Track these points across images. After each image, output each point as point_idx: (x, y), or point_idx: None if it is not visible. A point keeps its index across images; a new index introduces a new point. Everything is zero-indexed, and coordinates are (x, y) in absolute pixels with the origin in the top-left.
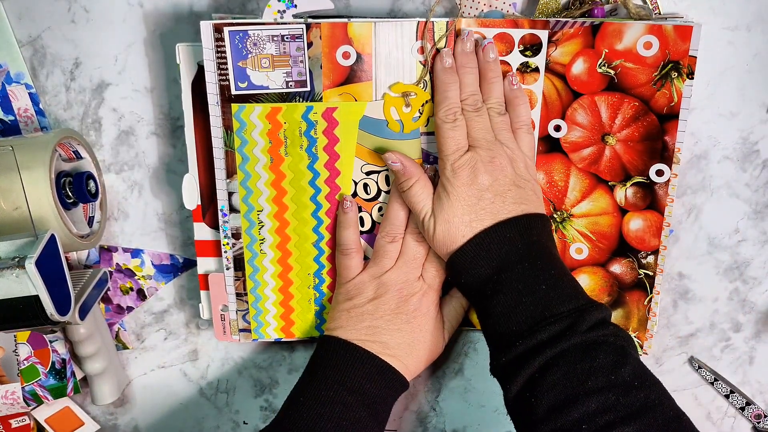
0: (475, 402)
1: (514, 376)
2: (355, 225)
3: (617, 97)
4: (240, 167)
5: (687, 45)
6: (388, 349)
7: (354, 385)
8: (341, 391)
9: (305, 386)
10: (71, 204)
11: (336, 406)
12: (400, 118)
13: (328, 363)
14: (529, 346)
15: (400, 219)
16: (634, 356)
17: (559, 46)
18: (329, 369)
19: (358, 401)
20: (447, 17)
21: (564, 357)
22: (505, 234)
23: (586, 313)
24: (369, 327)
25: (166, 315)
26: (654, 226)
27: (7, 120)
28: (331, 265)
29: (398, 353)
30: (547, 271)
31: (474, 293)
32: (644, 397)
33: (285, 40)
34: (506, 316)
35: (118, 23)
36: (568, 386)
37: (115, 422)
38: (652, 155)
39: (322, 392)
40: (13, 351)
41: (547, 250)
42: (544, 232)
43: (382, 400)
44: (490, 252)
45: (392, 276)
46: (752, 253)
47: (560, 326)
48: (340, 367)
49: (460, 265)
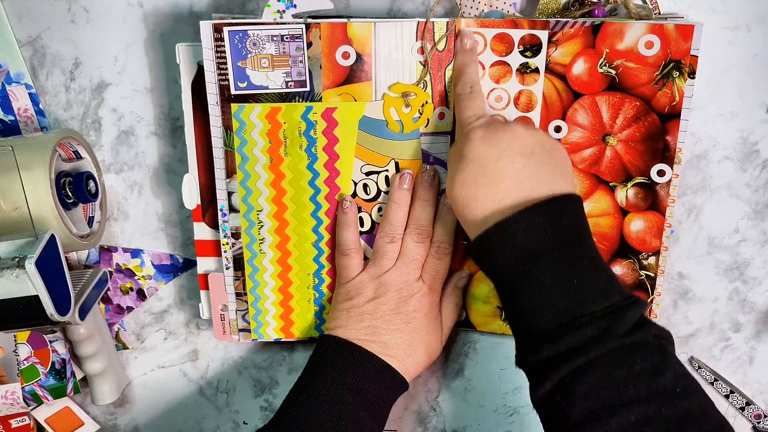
0: (475, 402)
1: (542, 377)
2: (354, 225)
3: (618, 97)
4: (239, 167)
5: (688, 44)
6: (387, 350)
7: (353, 384)
8: (341, 391)
9: (304, 385)
10: (71, 204)
11: (335, 405)
12: (399, 119)
13: (328, 362)
14: (559, 350)
15: (399, 219)
16: (673, 356)
17: (559, 46)
18: (329, 368)
19: (357, 401)
20: (447, 17)
21: (599, 363)
22: (533, 220)
23: (621, 313)
24: (368, 327)
25: (166, 315)
26: (655, 226)
27: (7, 120)
28: (330, 266)
29: (398, 354)
30: (579, 261)
31: (498, 282)
32: (687, 407)
33: (284, 40)
34: (533, 313)
35: (118, 23)
36: (605, 395)
37: (115, 422)
38: (653, 155)
39: (322, 391)
40: (13, 351)
41: (580, 236)
42: (575, 214)
43: (381, 401)
44: (516, 239)
45: (392, 276)
46: (752, 253)
47: (594, 329)
48: (339, 366)
49: (484, 253)
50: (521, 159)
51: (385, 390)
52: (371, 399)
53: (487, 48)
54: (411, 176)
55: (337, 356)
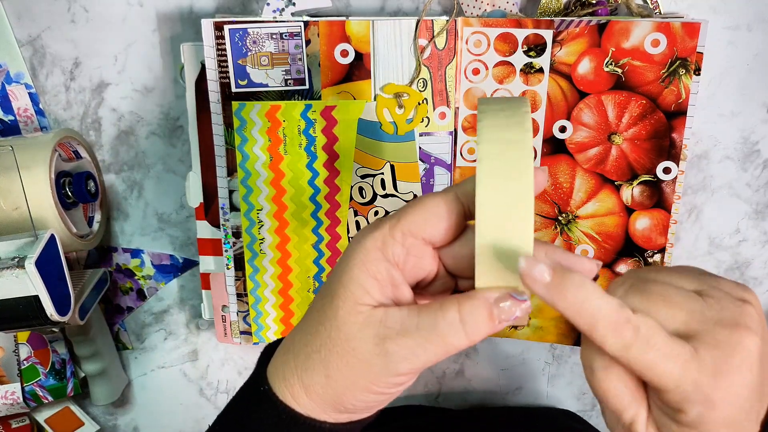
0: (475, 402)
1: None
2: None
3: (624, 96)
4: (240, 165)
5: (694, 42)
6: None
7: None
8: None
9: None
10: (71, 204)
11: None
12: (393, 120)
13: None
14: None
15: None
16: None
17: (564, 45)
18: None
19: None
20: (447, 15)
21: None
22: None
23: None
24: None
25: (166, 315)
26: (660, 224)
27: (7, 120)
28: (330, 268)
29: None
30: None
31: None
32: None
33: (284, 38)
34: None
35: (117, 23)
36: None
37: (115, 422)
38: (659, 153)
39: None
40: (13, 351)
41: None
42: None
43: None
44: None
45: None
46: (753, 253)
47: None
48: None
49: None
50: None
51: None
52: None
53: (490, 48)
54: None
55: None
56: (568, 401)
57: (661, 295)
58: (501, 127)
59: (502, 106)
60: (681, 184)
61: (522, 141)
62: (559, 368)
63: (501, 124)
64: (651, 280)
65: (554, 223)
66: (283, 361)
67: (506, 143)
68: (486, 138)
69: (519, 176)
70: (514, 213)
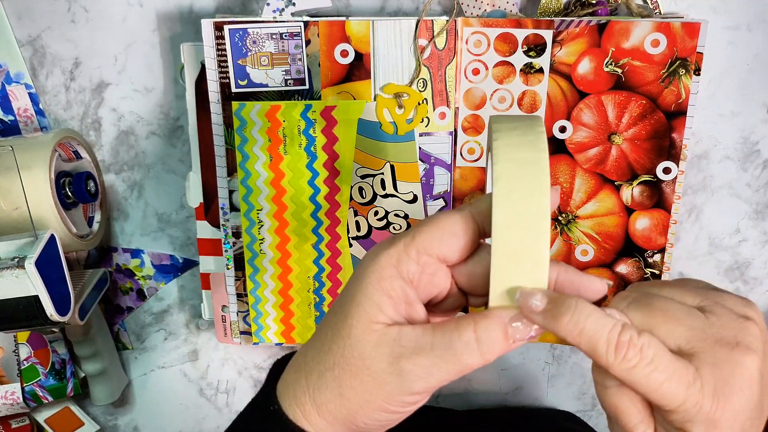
0: (475, 402)
1: None
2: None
3: (624, 96)
4: (240, 165)
5: (694, 42)
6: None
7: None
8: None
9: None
10: (71, 204)
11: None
12: (393, 120)
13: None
14: None
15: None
16: None
17: (564, 45)
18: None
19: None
20: (447, 16)
21: None
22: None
23: None
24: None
25: (166, 315)
26: (660, 224)
27: (7, 120)
28: (330, 269)
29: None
30: None
31: None
32: None
33: (283, 38)
34: None
35: (117, 23)
36: None
37: (115, 422)
38: (659, 153)
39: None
40: (13, 351)
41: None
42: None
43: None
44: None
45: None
46: (753, 253)
47: None
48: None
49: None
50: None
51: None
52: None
53: (490, 48)
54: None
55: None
56: (568, 401)
57: (663, 311)
58: (517, 147)
59: (515, 124)
60: (681, 184)
61: (538, 161)
62: (559, 368)
63: (516, 143)
64: (654, 295)
65: (554, 223)
66: (295, 379)
67: (523, 163)
68: (502, 158)
69: (535, 197)
70: (530, 233)
